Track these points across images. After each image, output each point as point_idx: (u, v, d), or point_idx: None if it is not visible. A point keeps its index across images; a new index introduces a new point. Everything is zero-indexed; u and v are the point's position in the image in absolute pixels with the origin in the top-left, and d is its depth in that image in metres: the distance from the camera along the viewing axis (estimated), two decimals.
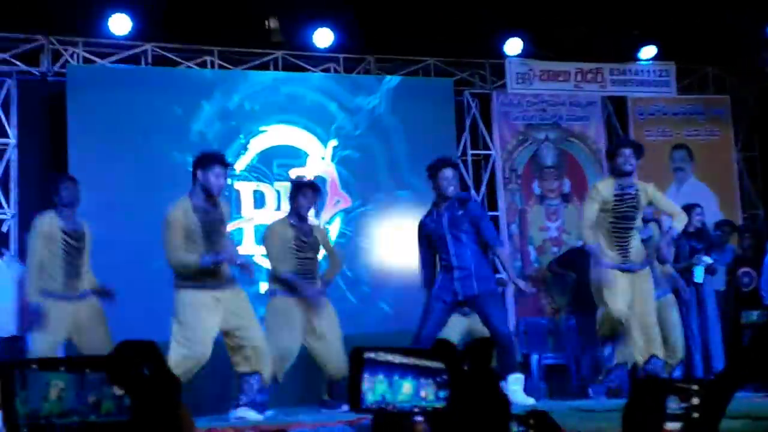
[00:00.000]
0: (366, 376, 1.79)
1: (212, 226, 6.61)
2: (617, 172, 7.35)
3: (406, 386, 1.79)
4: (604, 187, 7.34)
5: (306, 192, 7.54)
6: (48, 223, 6.98)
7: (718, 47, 11.26)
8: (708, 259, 9.16)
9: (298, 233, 7.49)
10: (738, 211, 11.61)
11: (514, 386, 7.00)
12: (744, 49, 11.42)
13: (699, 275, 9.03)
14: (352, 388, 1.81)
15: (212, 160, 6.63)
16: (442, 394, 1.79)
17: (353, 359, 1.80)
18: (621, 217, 7.27)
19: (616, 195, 7.26)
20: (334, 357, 7.36)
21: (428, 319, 7.13)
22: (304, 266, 7.47)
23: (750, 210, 11.84)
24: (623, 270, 7.28)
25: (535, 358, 10.12)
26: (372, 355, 1.81)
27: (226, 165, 6.75)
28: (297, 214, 7.55)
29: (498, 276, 8.51)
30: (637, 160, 7.36)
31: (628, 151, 7.33)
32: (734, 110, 11.92)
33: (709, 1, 10.15)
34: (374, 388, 1.79)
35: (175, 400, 1.84)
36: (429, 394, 1.79)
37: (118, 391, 1.80)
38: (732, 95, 11.94)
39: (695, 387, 2.40)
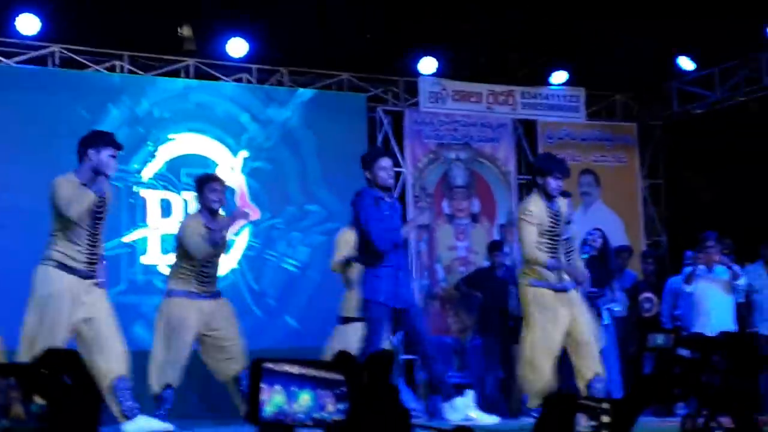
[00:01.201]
0: (264, 387, 1.73)
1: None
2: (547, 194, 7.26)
3: (304, 398, 1.73)
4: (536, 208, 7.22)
5: (213, 185, 7.22)
6: None
7: (627, 75, 11.47)
8: (618, 308, 9.30)
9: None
10: (642, 237, 11.83)
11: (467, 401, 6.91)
12: (651, 77, 11.67)
13: (606, 318, 9.12)
14: (251, 399, 1.75)
15: (106, 140, 6.45)
16: (341, 406, 1.73)
17: (252, 370, 1.74)
18: (554, 236, 7.20)
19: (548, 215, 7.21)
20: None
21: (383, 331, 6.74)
22: (213, 265, 7.27)
23: (653, 236, 12.06)
24: (557, 290, 7.20)
25: None
26: (270, 365, 1.75)
27: (119, 147, 6.53)
28: (209, 210, 7.20)
29: None
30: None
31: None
32: (641, 137, 12.15)
33: (619, 28, 10.32)
34: (271, 400, 1.73)
35: (95, 411, 1.78)
36: (328, 405, 1.73)
37: (38, 399, 1.75)
38: (639, 123, 12.17)
39: (605, 405, 2.40)
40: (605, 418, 2.36)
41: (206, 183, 7.27)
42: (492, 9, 10.13)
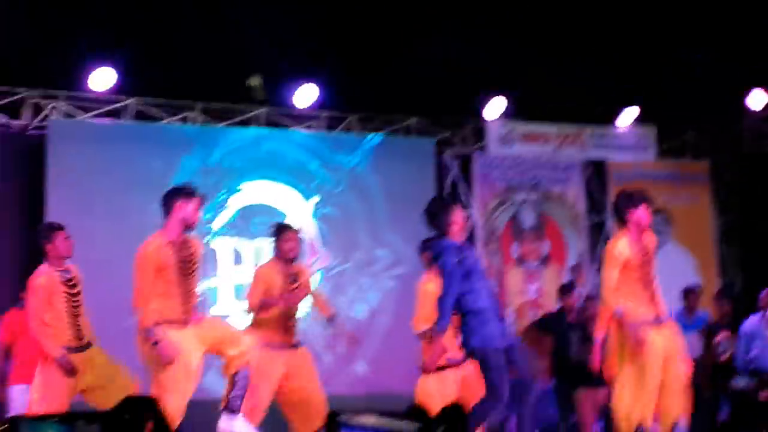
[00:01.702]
0: None
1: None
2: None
3: None
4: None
5: (288, 235, 7.22)
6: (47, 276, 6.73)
7: (698, 112, 11.36)
8: None
9: (286, 277, 7.16)
10: (716, 277, 11.64)
11: None
12: (723, 114, 11.54)
13: None
14: None
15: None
16: None
17: (328, 424, 1.77)
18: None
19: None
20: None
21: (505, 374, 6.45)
22: (293, 315, 7.20)
23: (728, 276, 11.86)
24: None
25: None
26: (346, 418, 1.79)
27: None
28: (283, 259, 7.21)
29: None
30: None
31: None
32: (713, 175, 11.99)
33: (689, 66, 10.24)
34: None
35: None
36: None
37: None
38: (711, 160, 12.02)
39: None
40: None
41: (281, 233, 7.29)
42: (559, 49, 10.13)
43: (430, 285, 7.34)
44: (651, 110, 11.49)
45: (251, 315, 7.14)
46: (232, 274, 9.91)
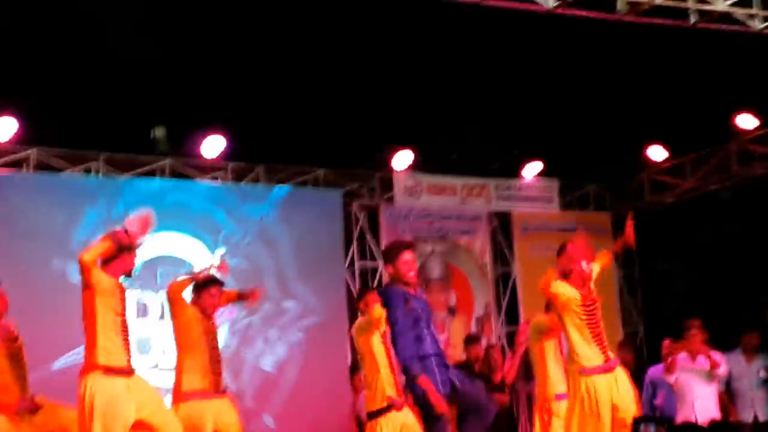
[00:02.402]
0: None
1: None
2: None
3: None
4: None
5: (211, 289, 6.91)
6: None
7: (599, 165, 11.62)
8: None
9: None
10: (619, 327, 11.83)
11: None
12: (624, 167, 11.82)
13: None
14: None
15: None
16: None
17: None
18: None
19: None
20: None
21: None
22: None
23: (630, 326, 12.07)
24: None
25: None
26: None
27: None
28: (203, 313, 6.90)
29: None
30: None
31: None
32: (614, 227, 12.24)
33: (591, 121, 10.48)
34: None
35: None
36: None
37: None
38: (612, 212, 12.28)
39: None
40: None
41: (205, 286, 6.92)
42: (465, 103, 10.27)
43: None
44: (554, 164, 11.71)
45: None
46: (137, 327, 9.69)
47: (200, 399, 6.66)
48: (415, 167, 11.23)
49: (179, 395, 6.72)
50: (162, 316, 9.92)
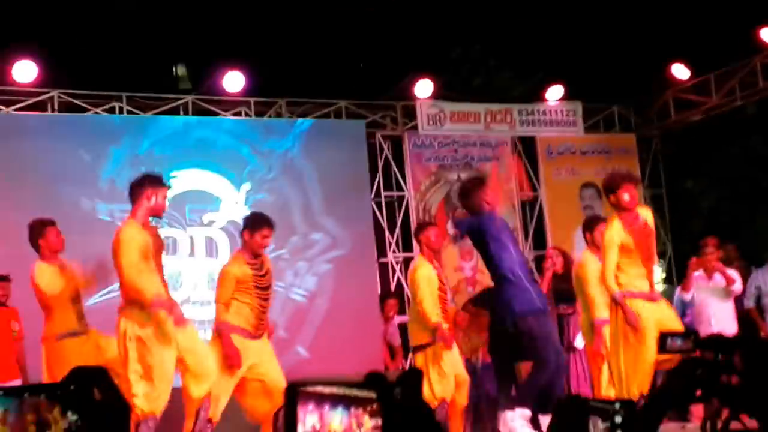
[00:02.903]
0: (300, 409, 1.75)
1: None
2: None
3: (338, 417, 1.75)
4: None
5: (264, 231, 6.92)
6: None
7: (623, 86, 11.53)
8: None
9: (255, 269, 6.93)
10: None
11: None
12: (648, 87, 11.72)
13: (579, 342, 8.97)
14: (287, 423, 1.76)
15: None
16: (374, 423, 1.75)
17: (287, 395, 1.75)
18: None
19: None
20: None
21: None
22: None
23: (658, 246, 12.03)
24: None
25: None
26: (305, 388, 1.77)
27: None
28: (252, 253, 6.93)
29: None
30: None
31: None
32: (640, 147, 12.18)
33: (613, 42, 10.39)
34: (307, 421, 1.75)
35: (124, 424, 1.85)
36: (362, 424, 1.75)
37: (71, 416, 1.81)
38: (637, 133, 12.21)
39: (617, 406, 2.40)
40: (618, 419, 2.36)
41: (260, 226, 6.96)
42: (485, 29, 10.21)
43: (422, 270, 7.37)
44: (577, 87, 11.63)
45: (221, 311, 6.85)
46: (168, 264, 9.77)
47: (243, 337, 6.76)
48: (437, 95, 11.19)
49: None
50: (192, 253, 10.01)
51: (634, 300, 6.65)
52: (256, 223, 6.92)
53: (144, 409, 6.11)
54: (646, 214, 6.90)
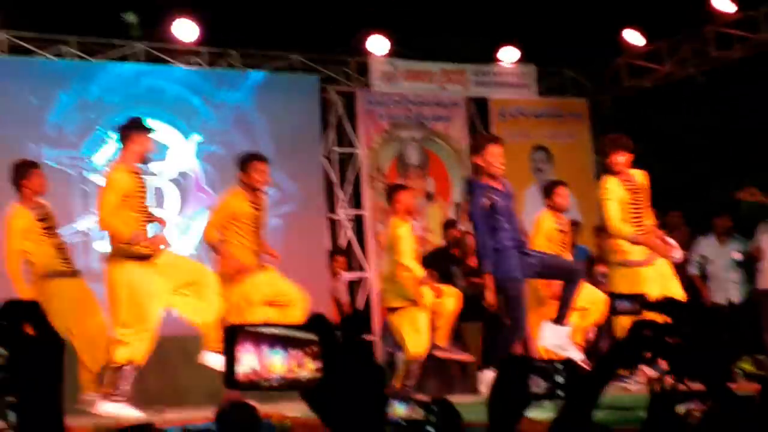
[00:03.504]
0: (238, 349, 1.73)
1: None
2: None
3: (278, 358, 1.73)
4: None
5: (260, 166, 7.25)
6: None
7: (576, 51, 11.55)
8: None
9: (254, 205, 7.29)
10: (595, 212, 11.89)
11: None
12: (601, 52, 11.76)
13: None
14: (226, 363, 1.75)
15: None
16: (315, 365, 1.74)
17: (226, 335, 1.74)
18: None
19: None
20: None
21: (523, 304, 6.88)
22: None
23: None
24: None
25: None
26: (244, 328, 1.76)
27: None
28: (252, 189, 7.29)
29: None
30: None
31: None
32: (592, 113, 12.24)
33: (567, 5, 10.39)
34: (245, 362, 1.73)
35: (58, 361, 1.81)
36: (302, 365, 1.73)
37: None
38: (589, 98, 12.26)
39: (559, 365, 2.42)
40: (560, 379, 2.39)
41: (252, 161, 7.32)
42: None
43: (402, 229, 7.82)
44: (531, 50, 11.63)
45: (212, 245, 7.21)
46: None
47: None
48: (392, 53, 11.13)
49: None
50: None
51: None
52: (245, 160, 7.30)
53: (127, 357, 6.36)
54: (638, 175, 7.25)
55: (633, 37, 11.30)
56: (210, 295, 6.60)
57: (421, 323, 7.69)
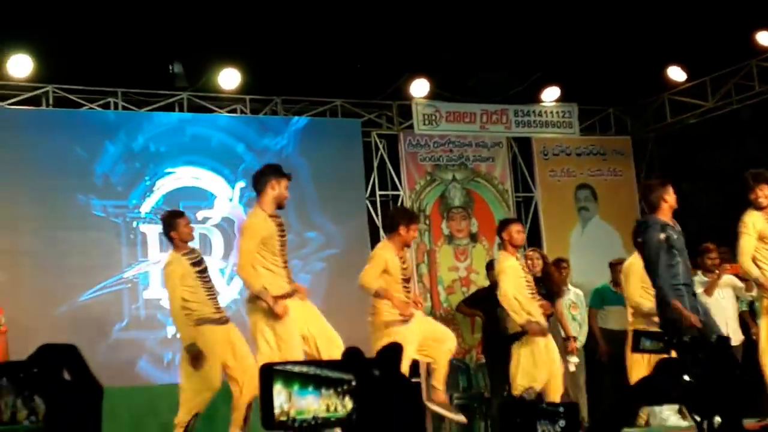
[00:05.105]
0: (276, 390, 1.74)
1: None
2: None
3: (315, 398, 1.74)
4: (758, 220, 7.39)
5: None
6: None
7: (619, 88, 11.52)
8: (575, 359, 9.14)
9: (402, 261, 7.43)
10: None
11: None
12: (643, 89, 11.72)
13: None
14: (263, 404, 1.76)
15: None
16: (352, 402, 1.74)
17: (263, 375, 1.75)
18: None
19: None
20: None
21: None
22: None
23: None
24: None
25: None
26: (280, 368, 1.77)
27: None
28: (401, 245, 7.48)
29: None
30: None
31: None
32: (635, 150, 12.18)
33: (610, 44, 10.38)
34: (283, 402, 1.74)
35: (96, 406, 1.78)
36: (340, 403, 1.74)
37: (37, 399, 1.75)
38: (633, 135, 12.21)
39: (561, 409, 2.42)
40: (561, 423, 2.38)
41: (412, 220, 7.53)
42: (480, 30, 10.18)
43: (510, 261, 7.91)
44: (573, 88, 11.63)
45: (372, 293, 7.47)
46: (161, 260, 9.78)
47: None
48: (433, 95, 11.19)
49: None
50: None
51: None
52: (414, 218, 7.58)
53: None
54: None
55: (675, 73, 11.26)
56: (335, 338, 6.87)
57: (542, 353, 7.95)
